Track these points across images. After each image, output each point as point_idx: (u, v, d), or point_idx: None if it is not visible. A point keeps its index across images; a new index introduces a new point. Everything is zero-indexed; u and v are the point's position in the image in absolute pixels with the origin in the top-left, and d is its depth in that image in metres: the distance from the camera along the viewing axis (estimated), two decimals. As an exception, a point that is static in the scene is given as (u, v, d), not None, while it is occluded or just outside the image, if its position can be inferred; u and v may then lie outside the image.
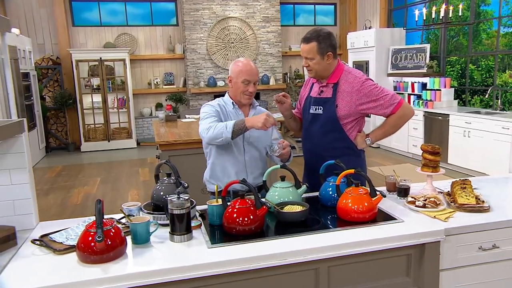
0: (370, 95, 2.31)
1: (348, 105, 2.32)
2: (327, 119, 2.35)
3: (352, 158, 2.42)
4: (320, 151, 2.39)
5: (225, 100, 2.39)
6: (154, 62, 8.91)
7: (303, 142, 2.52)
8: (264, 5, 8.91)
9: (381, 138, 2.46)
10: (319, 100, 2.39)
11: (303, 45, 2.32)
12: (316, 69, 2.32)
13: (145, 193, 5.46)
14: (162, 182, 2.00)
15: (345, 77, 2.37)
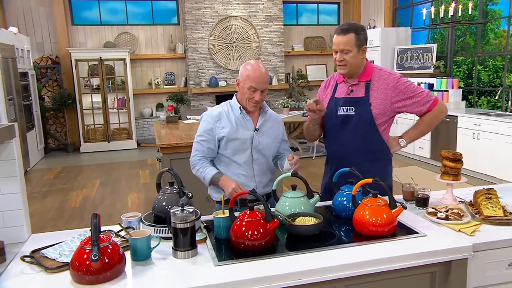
0: (406, 91, 2.19)
1: (383, 103, 2.18)
2: (361, 120, 2.19)
3: (385, 163, 2.31)
4: (354, 155, 2.22)
5: (232, 104, 2.25)
6: (154, 62, 8.76)
7: (331, 148, 2.35)
8: (267, 4, 8.77)
9: (416, 139, 2.32)
10: (350, 100, 2.22)
11: (340, 36, 2.13)
12: (351, 63, 2.15)
13: (145, 196, 5.32)
14: (164, 191, 1.85)
15: (377, 74, 2.23)
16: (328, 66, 9.78)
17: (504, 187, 2.35)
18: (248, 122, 2.22)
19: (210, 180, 2.14)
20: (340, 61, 2.16)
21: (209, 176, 2.14)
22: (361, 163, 2.15)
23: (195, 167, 2.21)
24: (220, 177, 2.12)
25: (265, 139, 2.25)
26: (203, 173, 2.17)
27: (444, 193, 2.11)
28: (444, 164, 2.05)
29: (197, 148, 2.23)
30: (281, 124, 2.38)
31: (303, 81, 9.25)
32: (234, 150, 2.20)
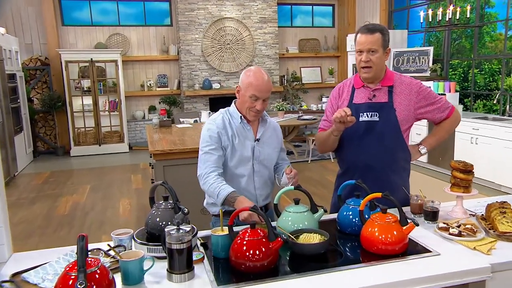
0: (428, 97, 2.13)
1: (407, 109, 2.10)
2: (386, 126, 2.08)
3: (407, 174, 2.22)
4: (379, 164, 2.10)
5: (231, 113, 2.12)
6: (147, 64, 8.60)
7: (351, 158, 2.17)
8: (261, 6, 8.66)
9: (435, 146, 2.25)
10: (374, 106, 2.10)
11: (366, 35, 2.01)
12: (377, 64, 2.04)
13: (138, 202, 5.17)
14: (158, 206, 1.72)
15: (399, 79, 2.14)
16: (323, 68, 9.70)
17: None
18: (249, 132, 2.10)
19: (224, 198, 1.90)
20: (366, 61, 2.03)
21: (225, 192, 1.89)
22: (387, 173, 2.07)
23: (209, 180, 1.96)
24: (237, 197, 1.88)
25: (266, 149, 2.13)
26: (217, 189, 1.92)
27: (454, 206, 2.01)
28: (454, 176, 1.95)
29: (207, 159, 2.01)
30: (279, 131, 2.27)
31: (298, 83, 9.15)
32: (237, 162, 2.07)
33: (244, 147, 2.07)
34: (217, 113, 2.16)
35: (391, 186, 2.11)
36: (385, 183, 2.10)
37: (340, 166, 2.30)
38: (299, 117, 7.30)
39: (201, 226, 1.89)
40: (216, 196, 1.93)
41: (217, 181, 1.96)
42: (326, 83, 9.63)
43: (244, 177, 2.08)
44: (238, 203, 1.87)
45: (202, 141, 2.08)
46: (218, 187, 1.94)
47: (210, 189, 1.96)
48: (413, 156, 2.18)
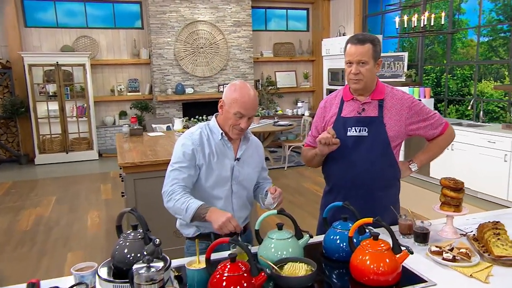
0: (421, 113, 2.01)
1: (398, 125, 1.98)
2: (375, 142, 1.97)
3: (396, 191, 2.10)
4: (367, 181, 1.99)
5: (212, 128, 1.94)
6: (117, 68, 8.29)
7: (338, 174, 2.05)
8: (235, 9, 8.51)
9: (426, 163, 2.14)
10: (363, 120, 1.99)
11: (356, 46, 1.91)
12: (367, 77, 1.93)
13: (107, 214, 4.90)
14: (126, 237, 1.53)
15: (391, 92, 2.02)
16: (298, 72, 9.64)
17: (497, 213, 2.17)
18: (229, 150, 1.93)
19: (194, 213, 1.72)
20: (356, 74, 1.92)
21: (194, 206, 1.73)
22: (375, 191, 1.97)
23: (174, 196, 1.78)
24: (208, 208, 1.74)
25: (246, 169, 1.97)
26: (185, 204, 1.74)
27: (444, 225, 1.91)
28: (444, 194, 1.85)
29: (175, 176, 1.83)
30: (261, 149, 2.12)
31: (273, 88, 9.05)
32: (214, 183, 1.90)
33: (223, 167, 1.91)
34: (196, 127, 1.98)
35: (379, 204, 2.00)
36: (373, 202, 1.99)
37: (326, 182, 2.18)
38: (274, 122, 7.19)
39: (174, 250, 1.73)
40: (185, 211, 1.75)
41: (184, 196, 1.79)
42: (301, 87, 9.57)
43: (221, 199, 1.92)
44: (210, 214, 1.71)
45: (174, 156, 1.90)
46: (186, 202, 1.76)
47: (176, 205, 1.78)
48: (403, 173, 2.07)
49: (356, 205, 1.82)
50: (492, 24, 6.42)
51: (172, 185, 1.82)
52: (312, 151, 2.08)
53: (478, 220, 2.04)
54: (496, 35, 6.56)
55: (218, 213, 1.70)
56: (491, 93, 6.52)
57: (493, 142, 4.81)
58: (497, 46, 6.60)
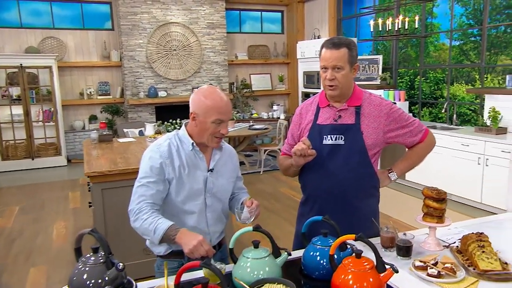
0: (400, 120, 1.93)
1: (375, 132, 1.90)
2: (352, 150, 1.88)
3: (375, 201, 2.02)
4: (343, 190, 1.89)
5: (182, 138, 1.81)
6: (86, 70, 7.99)
7: (314, 183, 1.96)
8: (209, 11, 8.36)
9: (406, 171, 2.06)
10: (339, 128, 1.90)
11: (331, 51, 1.83)
12: (343, 83, 1.85)
13: (75, 225, 4.66)
14: (85, 261, 1.38)
15: (368, 98, 1.94)
16: (273, 75, 9.57)
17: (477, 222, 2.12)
18: (201, 161, 1.81)
19: (163, 234, 1.61)
20: (331, 79, 1.84)
21: (163, 227, 1.61)
22: (353, 201, 1.88)
23: (141, 216, 1.66)
24: (178, 230, 1.62)
25: (221, 180, 1.86)
26: (153, 224, 1.63)
27: (426, 237, 1.84)
28: (427, 204, 1.78)
29: (142, 193, 1.70)
30: (235, 157, 2.00)
31: (248, 90, 8.94)
32: (185, 197, 1.77)
33: (195, 179, 1.78)
34: (163, 138, 1.84)
35: (359, 215, 1.92)
36: (352, 213, 1.91)
37: (302, 192, 2.08)
38: (250, 126, 7.08)
39: (144, 269, 1.59)
40: (153, 233, 1.63)
41: (152, 216, 1.66)
42: (276, 90, 9.51)
43: (194, 214, 1.79)
44: (180, 236, 1.59)
45: (141, 171, 1.76)
46: (154, 222, 1.64)
47: (143, 226, 1.65)
48: (382, 182, 2.00)
49: (334, 217, 1.74)
50: (463, 28, 6.52)
51: (139, 203, 1.68)
52: (288, 161, 1.98)
53: (460, 229, 1.99)
54: (467, 39, 6.68)
55: (189, 236, 1.58)
56: (463, 96, 6.63)
57: (467, 145, 4.85)
58: (468, 50, 6.71)
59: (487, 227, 2.02)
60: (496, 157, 4.53)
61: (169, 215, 1.76)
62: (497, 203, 4.57)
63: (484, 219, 2.17)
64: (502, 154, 4.47)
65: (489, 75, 6.14)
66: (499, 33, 6.16)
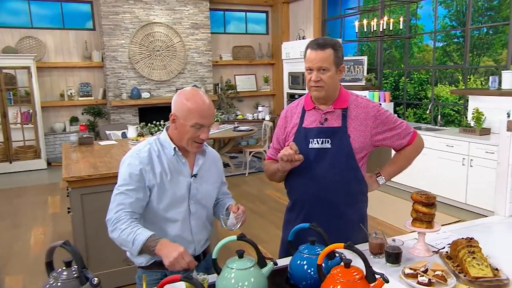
0: (387, 122, 1.89)
1: (363, 135, 1.84)
2: (339, 154, 1.83)
3: (364, 206, 1.97)
4: (331, 195, 1.84)
5: (163, 143, 1.74)
6: (67, 71, 7.80)
7: (300, 188, 1.90)
8: (193, 11, 8.26)
9: (394, 175, 2.02)
10: (325, 131, 1.84)
11: (316, 52, 1.78)
12: (329, 84, 1.80)
13: (54, 231, 4.51)
14: (57, 276, 1.29)
15: (355, 101, 1.89)
16: (258, 76, 9.52)
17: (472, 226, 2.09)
18: (184, 166, 1.74)
19: (142, 245, 1.54)
20: (317, 81, 1.78)
21: (142, 238, 1.54)
22: (341, 207, 1.83)
23: (119, 226, 1.58)
24: (158, 241, 1.55)
25: (205, 186, 1.79)
26: (131, 235, 1.55)
27: (415, 243, 1.79)
28: (416, 209, 1.74)
29: (121, 201, 1.62)
30: (220, 161, 1.93)
31: (232, 91, 8.87)
32: (168, 205, 1.69)
33: (178, 185, 1.71)
34: (144, 143, 1.76)
35: (346, 221, 1.87)
36: (339, 219, 1.86)
37: (289, 197, 2.02)
38: (234, 128, 7.00)
39: (126, 276, 1.50)
40: (131, 244, 1.56)
41: (131, 226, 1.58)
42: (261, 91, 9.45)
43: (178, 222, 1.71)
44: (160, 248, 1.52)
45: (120, 178, 1.68)
46: (133, 232, 1.56)
47: (121, 237, 1.57)
48: (370, 187, 1.95)
49: (321, 223, 1.68)
50: (447, 30, 6.58)
51: (117, 212, 1.60)
52: (274, 166, 1.92)
53: (448, 234, 1.95)
54: (450, 40, 6.74)
55: (169, 247, 1.51)
56: (447, 96, 6.68)
57: (451, 146, 4.87)
58: (451, 51, 6.77)
59: (475, 230, 1.99)
60: (480, 158, 4.56)
61: (151, 224, 1.68)
62: (481, 203, 4.60)
63: (472, 222, 2.14)
64: (486, 154, 4.50)
65: (472, 76, 6.20)
66: (481, 35, 6.22)
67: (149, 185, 1.66)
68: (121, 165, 1.71)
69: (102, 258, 3.06)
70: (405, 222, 1.80)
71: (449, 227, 2.06)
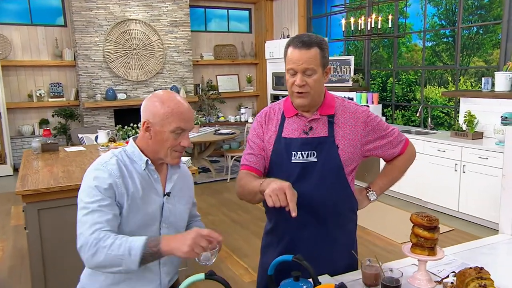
0: (378, 129, 1.68)
1: (352, 145, 1.62)
2: (327, 169, 1.59)
3: (353, 227, 1.75)
4: (318, 219, 1.61)
5: (132, 156, 1.50)
6: (36, 70, 7.43)
7: (282, 209, 1.54)
8: (172, 7, 7.98)
9: (386, 189, 1.81)
10: (311, 142, 1.60)
11: (300, 51, 1.53)
12: (315, 89, 1.57)
13: (14, 246, 4.20)
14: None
15: (342, 106, 1.66)
16: (241, 76, 9.29)
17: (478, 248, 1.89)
18: (156, 183, 1.51)
19: (143, 250, 1.30)
20: (302, 86, 1.54)
21: (140, 243, 1.31)
22: (328, 229, 1.61)
23: (102, 244, 1.31)
24: (159, 239, 1.34)
25: (178, 206, 1.57)
26: (125, 244, 1.30)
27: (416, 271, 1.58)
28: (416, 233, 1.52)
29: (95, 221, 1.35)
30: (191, 178, 1.72)
31: (214, 92, 8.61)
32: (136, 227, 1.46)
33: (149, 205, 1.48)
34: (108, 154, 1.51)
35: (335, 246, 1.65)
36: (327, 243, 1.64)
37: (267, 218, 1.79)
38: (216, 131, 6.76)
39: None
40: (128, 254, 1.30)
41: (118, 238, 1.33)
42: (244, 92, 9.22)
43: None
44: (167, 242, 1.33)
45: (86, 195, 1.40)
46: (124, 242, 1.32)
47: (111, 254, 1.30)
48: (360, 204, 1.74)
49: (307, 250, 1.49)
50: (436, 29, 6.46)
51: (94, 233, 1.33)
52: (255, 184, 1.52)
53: (451, 258, 1.75)
54: (439, 40, 6.63)
55: (178, 237, 1.34)
56: (436, 98, 6.56)
57: (443, 150, 4.72)
58: (440, 51, 6.66)
59: (480, 253, 1.80)
60: (473, 164, 4.41)
61: None
62: (474, 211, 4.45)
63: (475, 243, 1.95)
64: (479, 160, 4.35)
65: (462, 77, 6.09)
66: (471, 34, 6.12)
67: (119, 202, 1.42)
68: (84, 180, 1.45)
69: (61, 280, 2.79)
70: (403, 248, 1.59)
71: (451, 249, 1.86)
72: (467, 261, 1.69)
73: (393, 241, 4.11)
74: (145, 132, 1.47)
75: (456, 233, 4.32)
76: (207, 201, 5.63)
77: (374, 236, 4.27)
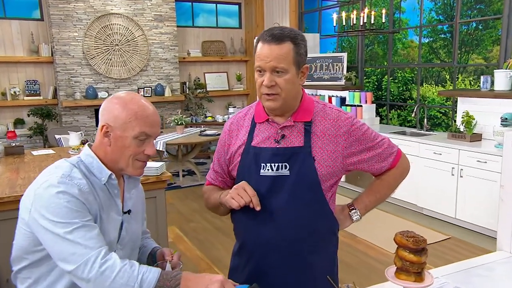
0: (364, 140, 1.49)
1: (332, 158, 1.45)
2: (301, 184, 1.42)
3: (333, 249, 1.58)
4: (291, 241, 1.44)
5: (90, 166, 1.33)
6: (10, 66, 7.20)
7: (248, 231, 1.50)
8: (156, 1, 7.79)
9: (372, 208, 1.62)
10: (282, 152, 1.43)
11: (271, 46, 1.37)
12: (287, 91, 1.40)
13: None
14: None
15: (322, 111, 1.48)
16: (230, 74, 9.11)
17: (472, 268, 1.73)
18: (116, 199, 1.36)
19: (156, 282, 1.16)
20: (270, 86, 1.37)
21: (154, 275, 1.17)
22: (303, 252, 1.44)
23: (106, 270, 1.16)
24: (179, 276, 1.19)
25: (134, 225, 1.43)
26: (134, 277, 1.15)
27: (401, 300, 1.41)
28: (401, 257, 1.35)
29: (86, 236, 1.18)
30: (143, 193, 1.56)
31: (202, 91, 8.43)
32: None
33: (109, 224, 1.33)
34: (64, 165, 1.31)
35: (311, 272, 1.48)
36: (302, 269, 1.47)
37: (236, 238, 1.62)
38: (201, 132, 6.58)
39: None
40: None
41: (122, 263, 1.19)
42: (234, 90, 9.05)
43: None
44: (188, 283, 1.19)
45: (57, 214, 1.19)
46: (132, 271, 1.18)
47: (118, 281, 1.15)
48: (341, 224, 1.57)
49: (278, 275, 1.32)
50: (433, 24, 6.32)
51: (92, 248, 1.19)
52: (214, 197, 1.52)
53: (443, 281, 1.58)
54: (437, 36, 6.49)
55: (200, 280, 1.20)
56: (433, 97, 6.42)
57: (440, 153, 4.57)
58: (438, 48, 6.52)
59: (476, 275, 1.64)
60: (471, 167, 4.26)
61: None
62: (472, 218, 4.30)
63: (471, 262, 1.78)
64: (477, 164, 4.20)
65: (460, 75, 5.95)
66: (470, 30, 5.98)
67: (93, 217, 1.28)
68: (49, 200, 1.21)
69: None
70: (386, 271, 1.41)
71: (443, 270, 1.69)
72: (460, 285, 1.53)
73: (386, 251, 3.95)
74: (103, 138, 1.33)
75: (452, 241, 4.17)
76: (190, 206, 5.45)
77: (366, 245, 4.11)
